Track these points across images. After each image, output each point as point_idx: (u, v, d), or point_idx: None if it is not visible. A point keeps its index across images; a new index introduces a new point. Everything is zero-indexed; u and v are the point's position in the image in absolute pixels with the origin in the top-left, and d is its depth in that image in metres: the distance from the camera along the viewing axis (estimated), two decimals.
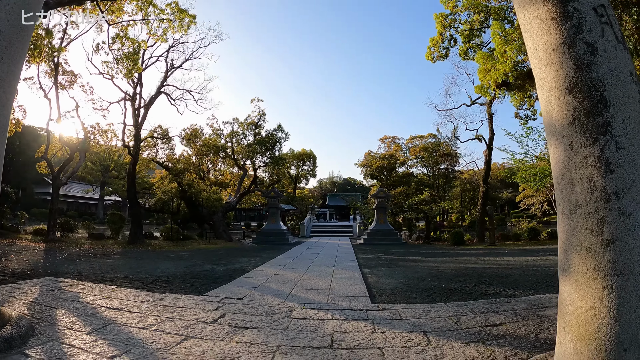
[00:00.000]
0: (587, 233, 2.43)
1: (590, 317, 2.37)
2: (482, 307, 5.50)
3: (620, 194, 2.33)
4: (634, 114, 2.44)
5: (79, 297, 6.02)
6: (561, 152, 2.65)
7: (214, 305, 5.72)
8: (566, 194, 2.60)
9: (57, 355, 3.50)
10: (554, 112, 2.70)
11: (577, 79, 2.56)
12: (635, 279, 2.26)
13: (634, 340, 2.25)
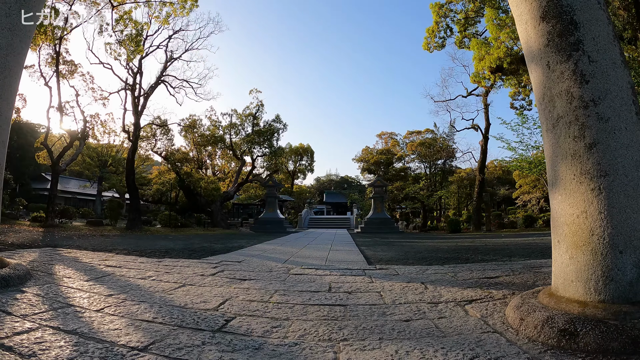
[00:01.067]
0: (570, 140, 2.51)
1: (582, 222, 2.41)
2: (479, 266, 5.56)
3: (597, 101, 2.44)
4: (603, 33, 2.61)
5: (78, 260, 6.03)
6: (540, 73, 2.80)
7: (212, 264, 5.76)
8: (548, 111, 2.71)
9: (53, 292, 3.54)
10: (531, 39, 2.87)
11: (549, 7, 2.74)
12: (620, 179, 2.31)
13: (629, 242, 2.28)
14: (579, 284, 2.42)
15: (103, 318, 2.73)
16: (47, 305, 3.00)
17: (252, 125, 27.26)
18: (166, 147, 25.57)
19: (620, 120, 2.41)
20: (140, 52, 15.75)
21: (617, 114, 2.42)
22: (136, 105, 20.37)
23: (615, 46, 2.60)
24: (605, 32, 2.61)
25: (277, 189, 25.44)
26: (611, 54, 2.56)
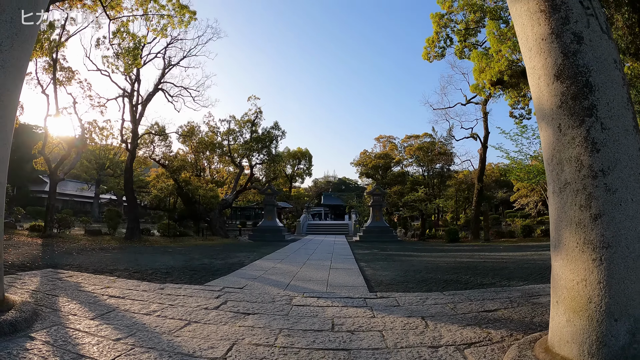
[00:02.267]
0: (576, 209, 2.56)
1: (581, 289, 2.49)
2: (478, 295, 5.63)
3: (606, 171, 2.47)
4: (618, 97, 2.59)
5: (80, 287, 6.06)
6: (551, 134, 2.79)
7: (215, 293, 5.82)
8: (556, 173, 2.74)
9: (62, 338, 3.56)
10: (544, 97, 2.85)
11: (564, 66, 2.70)
12: (622, 251, 2.39)
13: (624, 311, 2.38)
14: (574, 345, 2.51)
15: None
16: (59, 358, 3.07)
17: (251, 132, 27.35)
18: (164, 153, 25.61)
19: (628, 192, 2.47)
20: (138, 65, 15.83)
21: (625, 185, 2.48)
22: (134, 113, 20.40)
23: (629, 110, 2.64)
24: (620, 95, 2.64)
25: (276, 197, 25.53)
26: (624, 120, 2.59)
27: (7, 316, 3.78)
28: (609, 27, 2.88)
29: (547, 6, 2.80)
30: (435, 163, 45.76)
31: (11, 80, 4.26)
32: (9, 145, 4.32)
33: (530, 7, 2.91)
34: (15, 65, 4.30)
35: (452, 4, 17.96)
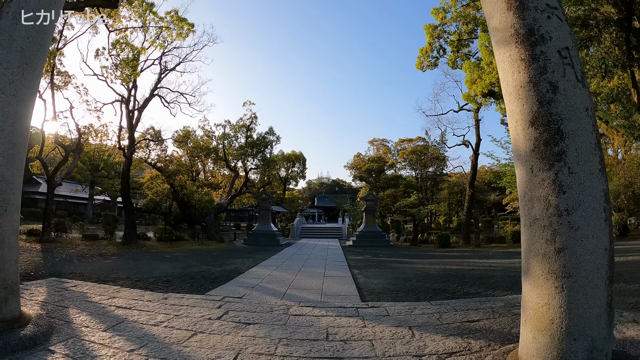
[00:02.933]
0: (542, 242, 2.92)
1: (545, 312, 2.86)
2: (463, 305, 6.01)
3: (570, 210, 2.82)
4: (586, 143, 2.93)
5: (87, 297, 6.33)
6: (524, 174, 3.13)
7: (216, 303, 6.14)
8: (527, 209, 3.08)
9: (80, 350, 3.84)
10: (520, 140, 3.18)
11: (539, 114, 3.02)
12: (582, 281, 2.76)
13: (582, 332, 2.75)
14: (539, 358, 2.88)
15: None
16: None
17: (246, 137, 27.69)
18: (160, 157, 25.82)
19: (589, 229, 2.81)
20: (137, 76, 16.08)
21: (587, 223, 2.81)
22: (131, 119, 20.61)
23: (595, 155, 2.94)
24: (589, 141, 2.94)
25: (270, 201, 25.87)
26: (590, 165, 2.90)
27: (26, 331, 4.06)
28: (584, 74, 3.25)
29: (527, 55, 3.14)
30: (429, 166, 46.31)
31: (23, 107, 4.54)
32: (22, 172, 4.58)
33: (512, 55, 3.26)
34: (27, 93, 4.60)
35: (445, 15, 18.42)
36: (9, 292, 4.24)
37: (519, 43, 3.17)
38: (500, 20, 3.35)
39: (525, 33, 3.14)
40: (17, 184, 4.48)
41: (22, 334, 3.97)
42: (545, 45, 3.08)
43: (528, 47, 3.13)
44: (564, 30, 3.17)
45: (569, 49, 3.12)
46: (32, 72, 4.68)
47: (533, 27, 3.12)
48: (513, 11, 3.23)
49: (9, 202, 4.30)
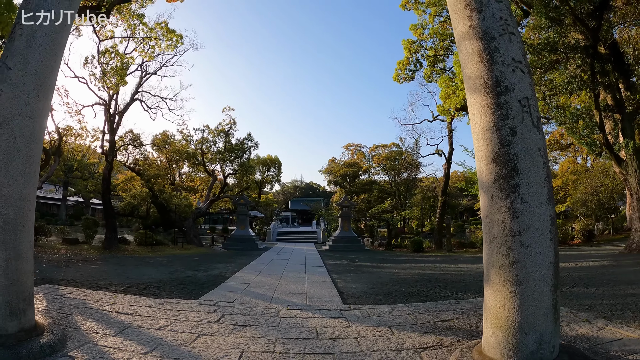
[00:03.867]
0: (499, 256, 3.60)
1: (502, 312, 3.54)
2: (436, 307, 6.71)
3: (522, 232, 3.50)
4: (537, 178, 3.61)
5: (86, 304, 6.57)
6: (486, 200, 3.80)
7: (211, 308, 6.63)
8: (488, 229, 3.77)
9: (99, 355, 4.19)
10: (483, 173, 3.85)
11: (500, 153, 3.69)
12: (531, 287, 3.44)
13: (532, 327, 3.43)
14: (498, 350, 3.55)
15: None
16: None
17: (225, 142, 28.05)
18: (140, 161, 25.92)
19: (537, 247, 3.48)
20: (124, 84, 16.36)
21: (535, 242, 3.48)
22: (112, 123, 20.74)
23: (544, 187, 3.61)
24: (539, 176, 3.61)
25: (248, 206, 26.32)
26: (540, 195, 3.56)
27: (44, 339, 4.32)
28: (540, 120, 3.95)
29: (493, 103, 3.82)
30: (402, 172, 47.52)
31: (38, 127, 4.81)
32: (36, 189, 4.91)
33: (481, 101, 3.93)
34: (41, 114, 4.87)
35: (423, 32, 19.40)
36: (27, 303, 4.45)
37: (487, 92, 3.85)
38: (472, 70, 4.03)
39: (492, 84, 3.82)
40: (33, 201, 4.71)
41: (42, 342, 4.23)
42: (509, 95, 3.76)
43: (494, 96, 3.81)
44: (525, 81, 3.86)
45: (528, 99, 3.81)
46: (45, 93, 4.95)
47: (499, 79, 3.80)
48: (484, 64, 3.91)
49: (27, 219, 4.53)
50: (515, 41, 3.99)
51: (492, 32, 3.95)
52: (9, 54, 4.64)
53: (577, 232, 23.14)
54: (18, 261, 4.32)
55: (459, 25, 4.27)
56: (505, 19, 4.01)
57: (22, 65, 4.61)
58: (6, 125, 4.38)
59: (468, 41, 4.10)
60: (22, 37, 4.70)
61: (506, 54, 3.87)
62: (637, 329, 5.04)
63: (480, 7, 4.07)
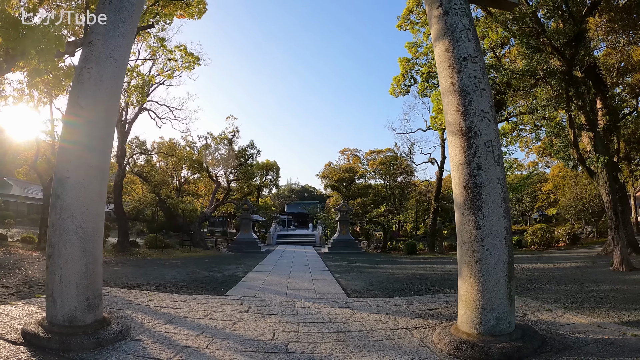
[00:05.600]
0: (468, 256, 4.91)
1: (470, 296, 4.86)
2: (425, 299, 8.05)
3: (484, 238, 4.81)
4: (495, 200, 4.90)
5: (128, 301, 7.61)
6: (459, 216, 5.11)
7: (238, 301, 7.88)
8: (460, 236, 5.07)
9: (161, 338, 5.15)
10: (457, 195, 5.16)
11: (469, 182, 4.99)
12: (490, 279, 4.74)
13: (491, 307, 4.73)
14: (468, 325, 4.87)
15: (218, 351, 4.84)
16: (174, 349, 4.92)
17: (228, 150, 29.39)
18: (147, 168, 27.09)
19: (495, 249, 4.77)
20: (145, 101, 17.61)
21: (493, 246, 4.77)
22: (123, 131, 21.94)
23: (501, 207, 4.88)
24: (497, 199, 4.90)
25: (251, 211, 27.64)
26: (497, 212, 4.85)
27: (114, 328, 5.12)
28: (501, 156, 5.25)
29: (465, 144, 5.12)
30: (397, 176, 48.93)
31: (107, 157, 5.91)
32: (105, 205, 6.05)
33: (457, 142, 5.23)
34: (109, 145, 5.94)
35: (417, 50, 20.85)
36: (99, 299, 5.38)
37: (461, 136, 5.17)
38: (452, 117, 5.36)
39: (465, 130, 5.14)
40: (103, 215, 5.76)
41: (113, 330, 5.06)
42: (477, 139, 5.08)
43: (466, 139, 5.13)
44: (491, 128, 5.18)
45: (492, 141, 5.13)
46: (112, 127, 6.18)
47: (471, 127, 5.12)
48: (460, 114, 5.23)
49: (100, 230, 5.53)
50: (485, 95, 5.30)
51: (468, 89, 5.27)
52: (80, 95, 5.52)
53: (562, 235, 24.54)
54: (94, 265, 5.28)
55: (443, 81, 5.61)
56: (478, 78, 5.33)
57: (93, 105, 5.46)
58: (84, 157, 5.30)
59: (449, 95, 5.43)
60: (90, 80, 5.53)
61: (477, 107, 5.19)
62: (589, 317, 6.40)
63: (459, 67, 5.40)
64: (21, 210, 44.77)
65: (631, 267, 11.47)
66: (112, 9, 5.91)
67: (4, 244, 17.68)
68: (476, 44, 5.64)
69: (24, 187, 45.59)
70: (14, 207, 44.24)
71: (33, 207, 47.56)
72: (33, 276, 10.13)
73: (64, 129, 5.81)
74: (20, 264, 12.27)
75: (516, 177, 34.69)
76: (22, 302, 6.83)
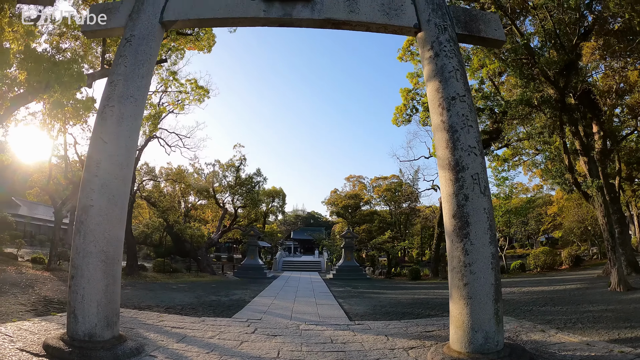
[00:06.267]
0: (457, 280, 5.32)
1: (460, 317, 5.24)
2: (423, 322, 8.39)
3: (471, 264, 5.23)
4: (482, 228, 5.33)
5: (141, 320, 8.07)
6: (449, 243, 5.53)
7: (244, 323, 8.26)
8: (450, 261, 5.49)
9: (173, 355, 5.59)
10: (448, 224, 5.59)
11: (457, 212, 5.44)
12: (478, 300, 5.13)
13: (480, 327, 5.11)
14: (459, 344, 5.25)
15: None
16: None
17: (235, 177, 30.08)
18: (155, 194, 27.71)
19: (482, 273, 5.16)
20: (156, 131, 18.41)
21: (480, 270, 5.17)
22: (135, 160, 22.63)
23: (487, 235, 5.29)
24: (483, 227, 5.31)
25: (258, 238, 28.09)
26: (484, 239, 5.25)
27: (129, 344, 5.51)
28: (487, 187, 5.71)
29: (454, 177, 5.61)
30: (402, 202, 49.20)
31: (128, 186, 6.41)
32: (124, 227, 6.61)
33: (446, 175, 5.71)
34: (130, 175, 6.62)
35: (418, 80, 21.60)
36: (117, 317, 5.87)
37: (450, 170, 5.66)
38: (442, 152, 5.86)
39: (454, 164, 5.63)
40: (122, 240, 6.30)
41: (129, 346, 5.44)
42: (465, 172, 5.56)
43: (455, 173, 5.61)
44: (477, 162, 5.66)
45: (478, 174, 5.60)
46: (132, 159, 6.76)
47: (459, 161, 5.61)
48: (449, 150, 5.73)
49: (119, 254, 6.04)
50: (472, 132, 5.80)
51: (456, 126, 5.79)
52: (103, 131, 6.13)
53: (565, 258, 24.65)
54: (114, 285, 5.79)
55: (434, 118, 6.14)
56: (466, 116, 5.85)
57: (115, 141, 6.06)
58: (107, 187, 5.89)
59: (440, 131, 5.95)
60: (113, 117, 6.15)
61: (465, 142, 5.69)
62: (580, 336, 6.74)
63: (448, 106, 5.93)
64: (28, 231, 45.15)
65: (629, 287, 11.75)
66: (132, 52, 6.54)
67: (15, 264, 18.03)
68: (464, 83, 6.19)
69: (31, 208, 46.14)
70: (22, 227, 44.64)
71: (40, 228, 48.03)
72: (47, 295, 10.59)
73: (87, 161, 6.30)
74: (33, 284, 12.68)
75: (521, 200, 34.99)
76: (39, 319, 7.32)
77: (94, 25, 7.07)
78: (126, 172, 6.27)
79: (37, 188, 22.78)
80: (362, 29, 6.96)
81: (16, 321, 6.92)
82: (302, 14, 6.66)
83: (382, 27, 6.86)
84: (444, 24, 6.49)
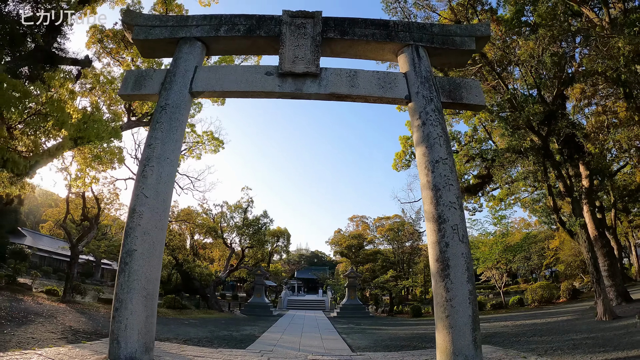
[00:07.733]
0: (440, 312, 6.35)
1: (443, 344, 6.25)
2: (419, 353, 9.31)
3: (452, 299, 6.32)
4: (460, 270, 6.40)
5: (165, 350, 8.90)
6: (434, 283, 6.58)
7: (258, 354, 9.21)
8: (435, 297, 6.55)
9: None
10: (432, 266, 6.65)
11: (439, 256, 6.52)
12: (458, 330, 6.18)
13: (460, 352, 6.11)
14: None
15: None
16: None
17: (243, 219, 31.29)
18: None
19: (461, 307, 6.19)
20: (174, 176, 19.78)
21: (460, 304, 6.18)
22: None
23: (465, 274, 6.29)
24: (462, 269, 6.32)
25: (264, 277, 29.00)
26: (462, 279, 6.24)
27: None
28: (465, 235, 6.84)
29: (437, 228, 6.71)
30: (405, 241, 49.85)
31: (164, 233, 7.54)
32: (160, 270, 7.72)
33: (431, 227, 6.81)
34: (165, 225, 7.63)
35: None
36: (153, 344, 6.94)
37: (434, 221, 6.81)
38: (427, 208, 7.03)
39: (437, 217, 6.79)
40: (159, 279, 7.28)
41: None
42: (446, 224, 6.70)
43: (437, 224, 6.72)
44: (457, 214, 6.80)
45: (458, 225, 6.73)
46: (168, 210, 7.76)
47: (441, 215, 6.78)
48: (433, 205, 6.89)
49: (157, 291, 7.08)
50: (453, 190, 6.95)
51: (439, 185, 6.97)
52: (144, 187, 7.18)
53: (562, 291, 25.28)
54: (152, 317, 6.85)
55: (421, 178, 7.33)
56: (447, 176, 7.01)
57: (155, 195, 7.12)
58: (148, 235, 6.94)
59: (426, 189, 7.12)
60: (153, 175, 7.22)
61: (446, 199, 6.86)
62: None
63: (433, 168, 7.12)
64: (34, 262, 45.52)
65: (614, 315, 12.66)
66: (167, 119, 7.67)
67: (30, 294, 18.56)
68: (447, 147, 7.40)
69: (36, 239, 46.35)
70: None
71: (45, 260, 47.93)
72: (71, 325, 11.60)
73: (130, 212, 7.25)
74: (54, 314, 13.48)
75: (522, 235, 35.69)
76: (72, 346, 8.28)
77: (130, 91, 8.23)
78: (164, 222, 7.34)
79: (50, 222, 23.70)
80: (361, 100, 8.31)
81: (52, 347, 7.95)
82: (311, 89, 7.97)
83: (378, 99, 8.18)
84: (430, 95, 7.74)
